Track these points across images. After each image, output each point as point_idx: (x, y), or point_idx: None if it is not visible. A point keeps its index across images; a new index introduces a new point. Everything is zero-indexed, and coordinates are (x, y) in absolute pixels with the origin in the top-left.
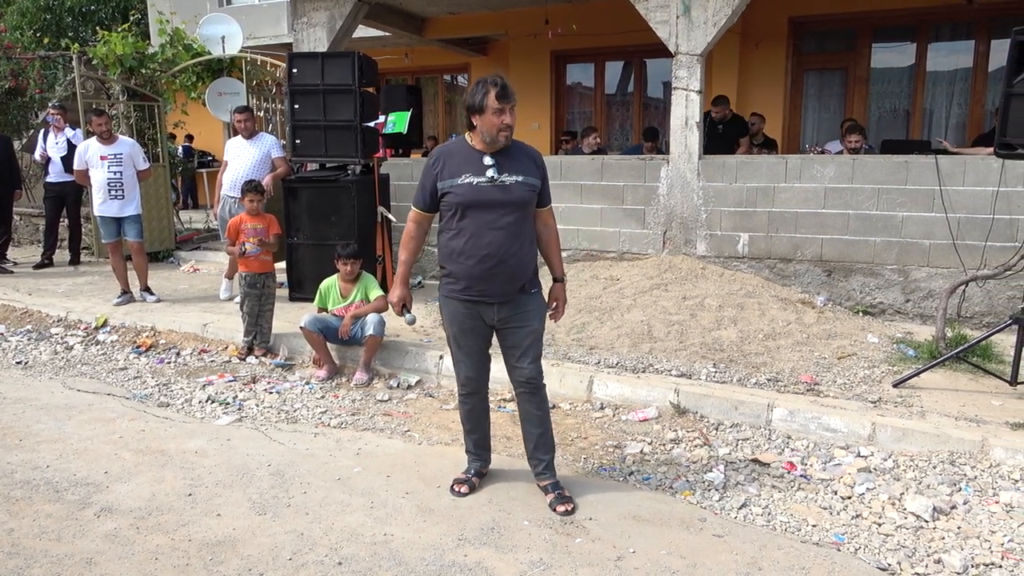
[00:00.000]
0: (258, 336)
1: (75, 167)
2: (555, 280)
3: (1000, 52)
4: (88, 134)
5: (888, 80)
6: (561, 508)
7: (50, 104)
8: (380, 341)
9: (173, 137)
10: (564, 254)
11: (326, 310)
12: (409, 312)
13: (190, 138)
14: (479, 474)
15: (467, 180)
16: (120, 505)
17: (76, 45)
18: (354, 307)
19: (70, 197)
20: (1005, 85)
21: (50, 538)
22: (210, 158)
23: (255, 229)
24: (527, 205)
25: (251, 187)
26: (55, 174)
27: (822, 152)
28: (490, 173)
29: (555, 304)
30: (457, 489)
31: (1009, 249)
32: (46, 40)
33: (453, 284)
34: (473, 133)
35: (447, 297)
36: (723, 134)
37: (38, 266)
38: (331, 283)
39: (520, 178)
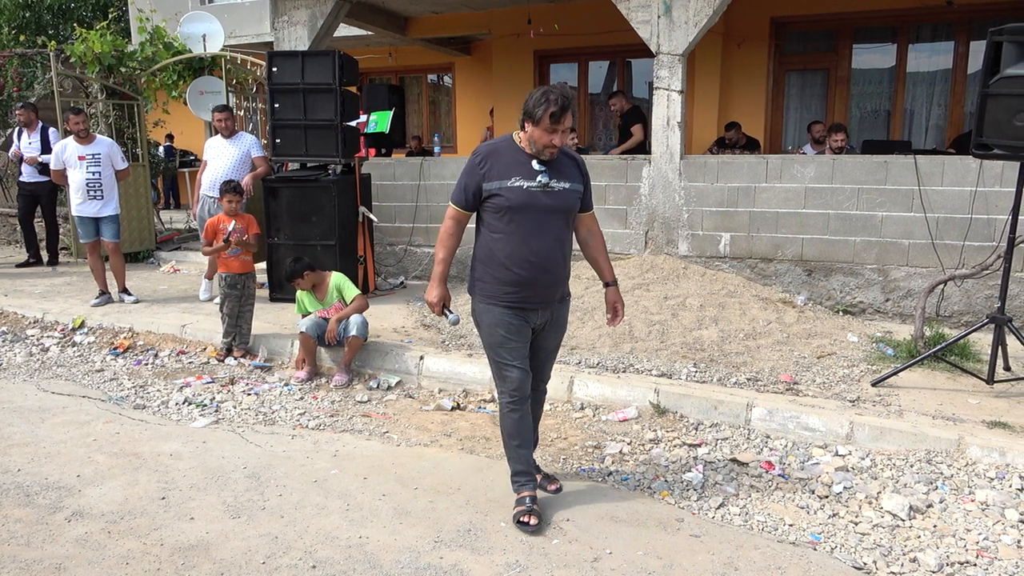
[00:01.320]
0: (238, 337)
1: (52, 167)
2: (607, 284)
3: (979, 53)
4: (66, 133)
5: (869, 81)
6: (552, 487)
7: (16, 105)
8: (363, 342)
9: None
10: None
11: (308, 315)
12: (452, 312)
13: (170, 138)
14: (535, 499)
15: (517, 184)
16: (92, 509)
17: (53, 43)
18: (334, 308)
19: (44, 197)
20: (981, 86)
21: (19, 543)
22: (192, 157)
23: (234, 229)
24: (572, 212)
25: (229, 188)
26: (28, 174)
27: (802, 154)
28: (542, 179)
29: (614, 309)
30: (526, 521)
31: (987, 248)
32: (22, 37)
33: (493, 289)
34: (523, 134)
35: (487, 304)
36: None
37: (22, 264)
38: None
39: (568, 184)
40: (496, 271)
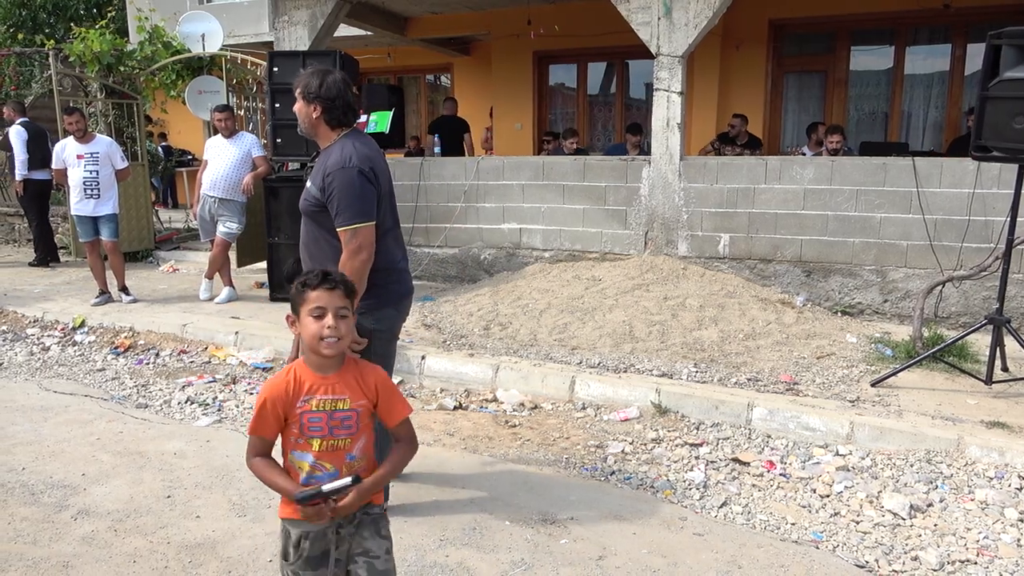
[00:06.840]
0: None
1: (53, 166)
2: None
3: (976, 56)
4: (65, 133)
5: (867, 83)
6: None
7: None
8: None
9: (151, 135)
10: (547, 254)
11: None
12: None
13: (164, 137)
14: None
15: None
16: (97, 507)
17: (52, 41)
18: None
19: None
20: (981, 88)
21: (25, 541)
22: (190, 157)
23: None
24: (309, 215)
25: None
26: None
27: (801, 155)
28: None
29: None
30: None
31: (984, 250)
32: (20, 36)
33: None
34: None
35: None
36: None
37: (34, 264)
38: None
39: (309, 184)
40: None
